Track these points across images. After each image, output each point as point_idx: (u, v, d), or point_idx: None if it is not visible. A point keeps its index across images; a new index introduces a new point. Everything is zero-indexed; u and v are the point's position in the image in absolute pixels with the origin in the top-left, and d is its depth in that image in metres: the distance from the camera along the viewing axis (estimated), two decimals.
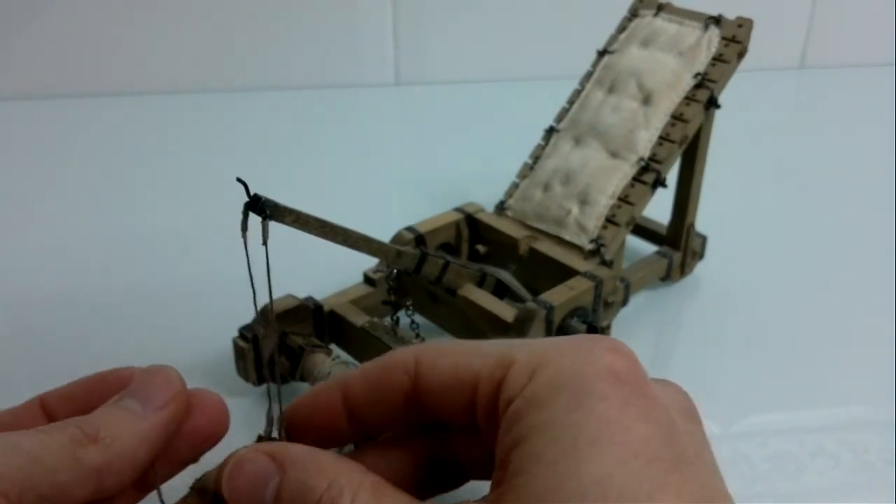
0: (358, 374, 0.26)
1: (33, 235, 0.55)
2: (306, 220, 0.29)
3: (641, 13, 0.48)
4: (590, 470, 0.19)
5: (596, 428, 0.20)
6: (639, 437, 0.20)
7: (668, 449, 0.20)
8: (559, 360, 0.22)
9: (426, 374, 0.24)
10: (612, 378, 0.21)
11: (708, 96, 0.44)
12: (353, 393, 0.25)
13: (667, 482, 0.20)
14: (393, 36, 0.79)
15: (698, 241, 0.50)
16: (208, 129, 0.72)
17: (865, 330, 0.47)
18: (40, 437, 0.22)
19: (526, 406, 0.21)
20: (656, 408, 0.21)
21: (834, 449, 0.39)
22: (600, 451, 0.20)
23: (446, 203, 0.48)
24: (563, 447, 0.20)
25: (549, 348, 0.23)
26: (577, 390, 0.21)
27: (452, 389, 0.24)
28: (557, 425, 0.20)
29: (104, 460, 0.23)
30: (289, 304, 0.39)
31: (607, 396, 0.21)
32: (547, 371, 0.22)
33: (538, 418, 0.21)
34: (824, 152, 0.70)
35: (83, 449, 0.22)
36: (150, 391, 0.25)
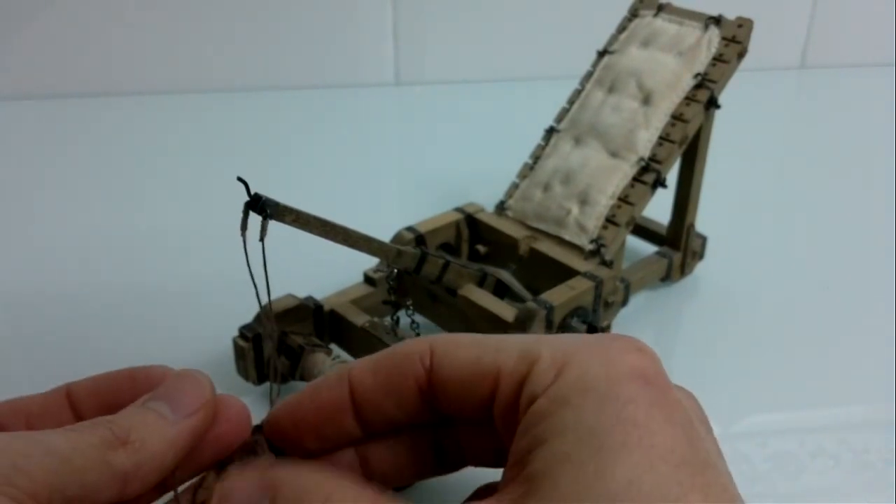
0: (368, 366, 0.25)
1: (33, 235, 0.55)
2: (307, 220, 0.29)
3: (641, 13, 0.48)
4: (619, 473, 0.19)
5: (623, 431, 0.20)
6: (666, 440, 0.20)
7: (692, 453, 0.20)
8: (585, 359, 0.22)
9: (443, 366, 0.24)
10: (638, 380, 0.21)
11: (708, 96, 0.44)
12: (362, 386, 0.24)
13: (693, 485, 0.20)
14: (393, 36, 0.79)
15: (698, 242, 0.50)
16: (208, 129, 0.72)
17: (865, 330, 0.47)
18: (71, 438, 0.22)
19: (551, 405, 0.21)
20: (680, 411, 0.21)
21: (834, 449, 0.39)
22: (629, 454, 0.20)
23: (446, 203, 0.48)
24: (591, 450, 0.20)
25: (574, 347, 0.22)
26: (604, 392, 0.21)
27: (471, 383, 0.24)
28: (585, 427, 0.20)
29: (133, 464, 0.22)
30: (289, 303, 0.39)
31: (634, 399, 0.21)
32: (573, 370, 0.22)
33: (565, 419, 0.21)
34: (824, 152, 0.70)
35: (113, 452, 0.22)
36: (181, 396, 0.24)
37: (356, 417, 0.25)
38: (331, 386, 0.25)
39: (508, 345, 0.23)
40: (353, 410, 0.25)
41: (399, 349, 0.25)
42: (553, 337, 0.24)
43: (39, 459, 0.21)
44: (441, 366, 0.24)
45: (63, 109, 0.74)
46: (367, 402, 0.25)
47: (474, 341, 0.24)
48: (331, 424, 0.25)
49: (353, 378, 0.25)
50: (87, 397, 0.26)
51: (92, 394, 0.26)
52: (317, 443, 0.25)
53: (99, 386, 0.26)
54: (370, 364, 0.25)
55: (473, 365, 0.24)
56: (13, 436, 0.21)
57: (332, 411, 0.25)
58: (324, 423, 0.25)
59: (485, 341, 0.24)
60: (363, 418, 0.25)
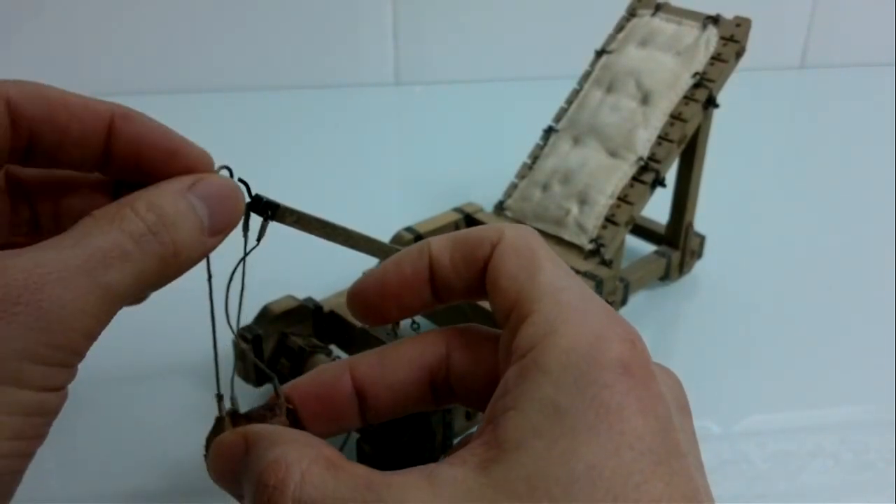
0: (446, 244, 0.26)
1: None
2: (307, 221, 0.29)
3: (639, 13, 0.48)
4: (584, 456, 0.20)
5: (595, 414, 0.20)
6: (636, 428, 0.20)
7: (661, 443, 0.21)
8: (576, 333, 0.22)
9: (494, 266, 0.25)
10: (620, 369, 0.21)
11: (706, 96, 0.44)
12: (440, 262, 0.26)
13: (655, 474, 0.20)
14: (393, 36, 0.79)
15: (697, 241, 0.50)
16: (208, 129, 0.72)
17: (865, 330, 0.47)
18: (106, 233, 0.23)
19: (532, 369, 0.22)
20: (657, 402, 0.21)
21: (834, 449, 0.39)
22: (597, 438, 0.20)
23: (446, 203, 0.48)
24: (561, 428, 0.20)
25: (569, 315, 0.23)
26: (586, 373, 0.21)
27: (497, 291, 0.24)
28: (559, 404, 0.21)
29: (161, 264, 0.24)
30: (289, 304, 0.39)
31: (612, 385, 0.21)
32: (560, 340, 0.22)
33: (542, 389, 0.21)
34: (824, 152, 0.70)
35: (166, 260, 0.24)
36: (222, 210, 0.26)
37: (433, 289, 0.26)
38: (413, 260, 0.26)
39: (540, 282, 0.24)
40: (431, 283, 0.26)
41: (478, 231, 0.26)
42: (561, 290, 0.24)
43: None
44: (493, 261, 0.25)
45: None
46: (443, 277, 0.26)
47: (527, 255, 0.25)
48: (410, 294, 0.26)
49: (432, 254, 0.26)
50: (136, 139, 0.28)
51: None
52: (397, 311, 0.27)
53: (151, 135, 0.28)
54: (449, 242, 0.26)
55: (510, 276, 0.24)
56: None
57: (414, 282, 0.26)
58: (405, 292, 0.26)
59: (529, 263, 0.24)
60: (438, 291, 0.26)
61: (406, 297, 0.27)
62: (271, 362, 0.39)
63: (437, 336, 0.27)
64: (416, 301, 0.27)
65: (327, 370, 0.27)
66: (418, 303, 0.27)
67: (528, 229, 0.26)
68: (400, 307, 0.27)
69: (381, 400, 0.26)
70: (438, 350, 0.26)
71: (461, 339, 0.26)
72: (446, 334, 0.27)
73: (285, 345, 0.38)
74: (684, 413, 0.24)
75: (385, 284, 0.27)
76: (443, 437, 0.35)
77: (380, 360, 0.26)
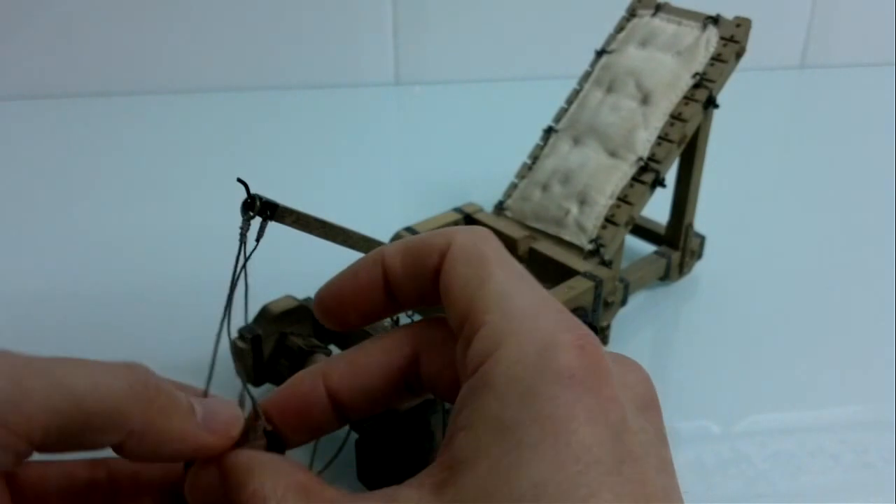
0: (398, 252, 0.26)
1: (32, 235, 0.55)
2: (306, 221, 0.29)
3: (640, 13, 0.48)
4: (528, 474, 0.19)
5: (540, 429, 0.20)
6: (582, 440, 0.20)
7: (611, 451, 0.20)
8: (522, 343, 0.22)
9: (445, 271, 0.25)
10: (567, 378, 0.21)
11: (706, 96, 0.44)
12: (392, 270, 0.26)
13: (603, 485, 0.19)
14: (393, 36, 0.79)
15: (697, 241, 0.50)
16: (208, 129, 0.72)
17: (865, 330, 0.47)
18: (96, 374, 0.23)
19: (480, 387, 0.21)
20: (607, 408, 0.21)
21: (834, 449, 0.38)
22: (541, 454, 0.20)
23: (445, 203, 0.48)
24: (507, 445, 0.20)
25: (517, 325, 0.22)
26: (531, 386, 0.21)
27: (449, 300, 0.24)
28: (504, 420, 0.20)
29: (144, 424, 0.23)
30: (288, 304, 0.39)
31: (557, 397, 0.20)
32: (507, 353, 0.21)
33: (489, 406, 0.21)
34: (824, 152, 0.70)
35: (140, 404, 0.23)
36: (215, 413, 0.25)
37: (388, 296, 0.26)
38: (368, 268, 0.27)
39: (487, 290, 0.23)
40: (385, 290, 0.26)
41: (427, 238, 0.26)
42: (509, 297, 0.23)
43: (46, 394, 0.21)
44: (444, 268, 0.25)
45: (63, 109, 0.74)
46: (397, 285, 0.26)
47: (476, 263, 0.24)
48: (367, 302, 0.27)
49: (385, 262, 0.26)
50: None
51: None
52: (356, 317, 0.27)
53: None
54: (400, 251, 0.26)
55: (460, 287, 0.24)
56: (28, 362, 0.22)
57: (369, 290, 0.26)
58: (361, 300, 0.27)
59: (479, 272, 0.24)
60: (394, 296, 0.26)
61: (363, 304, 0.27)
62: (270, 362, 0.39)
63: (403, 334, 0.27)
64: (375, 308, 0.27)
65: (301, 381, 0.27)
66: (377, 309, 0.27)
67: (478, 233, 0.25)
68: (359, 314, 0.27)
69: (356, 403, 0.26)
70: (405, 349, 0.26)
71: (428, 336, 0.26)
72: (413, 332, 0.27)
73: (284, 345, 0.38)
74: (648, 409, 0.23)
75: (342, 293, 0.27)
76: (442, 436, 0.35)
77: (350, 365, 0.26)
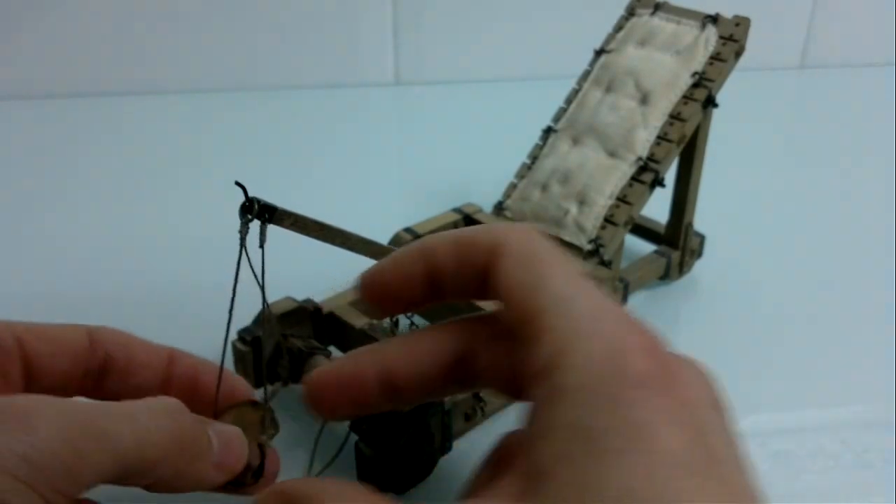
0: (448, 249, 0.26)
1: (32, 236, 0.55)
2: (305, 224, 0.29)
3: (638, 12, 0.48)
4: (617, 480, 0.19)
5: (625, 435, 0.20)
6: (667, 445, 0.20)
7: (695, 454, 0.20)
8: (591, 349, 0.21)
9: (497, 271, 0.25)
10: (644, 382, 0.21)
11: (706, 95, 0.44)
12: (437, 267, 0.26)
13: (691, 487, 0.19)
14: (393, 36, 0.79)
15: (696, 241, 0.50)
16: (208, 129, 0.72)
17: (865, 330, 0.47)
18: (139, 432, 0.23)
19: (553, 394, 0.21)
20: (687, 411, 0.21)
21: (834, 449, 0.38)
22: (627, 460, 0.19)
23: (445, 203, 0.48)
24: (591, 452, 0.20)
25: (583, 329, 0.22)
26: (608, 391, 0.21)
27: (509, 302, 0.24)
28: (586, 427, 0.20)
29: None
30: (288, 306, 0.39)
31: (638, 401, 0.20)
32: (576, 358, 0.21)
33: (566, 414, 0.21)
34: (824, 152, 0.70)
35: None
36: (229, 450, 0.27)
37: (430, 286, 0.27)
38: (412, 258, 0.27)
39: (547, 293, 0.23)
40: (428, 280, 0.26)
41: (475, 233, 0.26)
42: (570, 299, 0.23)
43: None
44: (495, 270, 0.25)
45: (63, 109, 0.74)
46: (441, 277, 0.26)
47: (530, 264, 0.24)
48: (407, 291, 0.27)
49: (431, 253, 0.26)
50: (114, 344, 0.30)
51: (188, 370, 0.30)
52: (395, 305, 0.28)
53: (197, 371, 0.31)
54: (448, 242, 0.26)
55: (517, 287, 0.24)
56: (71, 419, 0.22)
57: (411, 280, 0.27)
58: (402, 289, 0.27)
59: (534, 273, 0.24)
60: (436, 290, 0.27)
61: (403, 293, 0.27)
62: (270, 364, 0.39)
63: (465, 325, 0.27)
64: (414, 297, 0.27)
65: (356, 358, 0.27)
66: (416, 299, 0.27)
67: (530, 230, 0.25)
68: (398, 301, 0.27)
69: (406, 387, 0.26)
70: (462, 340, 0.26)
71: (489, 328, 0.26)
72: (470, 325, 0.27)
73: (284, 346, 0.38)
74: (718, 409, 0.23)
75: (383, 278, 0.27)
76: (442, 438, 0.35)
77: (407, 347, 0.27)
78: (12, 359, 0.27)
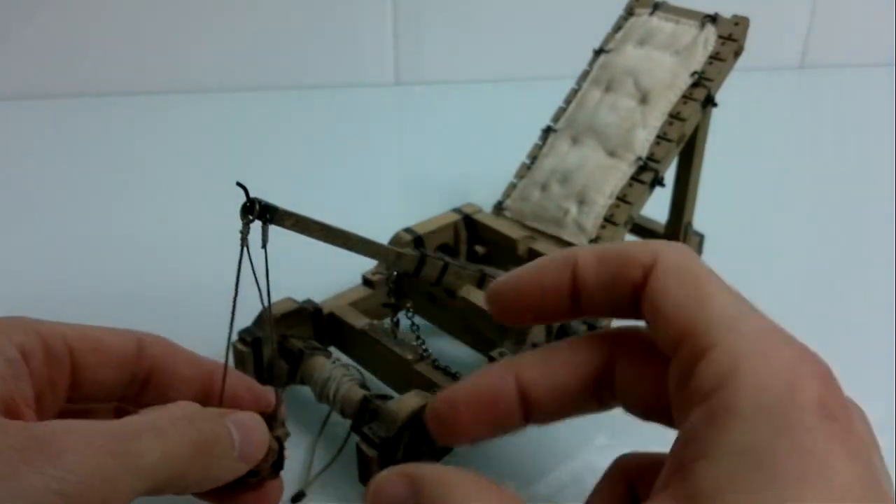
0: (593, 260, 0.25)
1: (32, 236, 0.55)
2: (306, 224, 0.29)
3: (637, 12, 0.48)
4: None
5: (802, 462, 0.19)
6: (844, 478, 0.19)
7: (868, 489, 0.20)
8: (764, 370, 0.21)
9: (653, 289, 0.24)
10: (820, 410, 0.20)
11: (705, 95, 0.44)
12: (584, 278, 0.25)
13: None
14: (393, 36, 0.79)
15: (696, 240, 0.50)
16: (208, 129, 0.72)
17: (865, 330, 0.47)
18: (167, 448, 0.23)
19: (720, 413, 0.20)
20: (860, 446, 0.20)
21: None
22: (808, 488, 0.19)
23: (445, 203, 0.48)
24: (765, 477, 0.19)
25: (754, 349, 0.21)
26: (783, 416, 0.20)
27: (664, 321, 0.23)
28: (758, 450, 0.19)
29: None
30: (288, 306, 0.39)
31: (814, 430, 0.20)
32: (749, 378, 0.21)
33: (735, 435, 0.20)
34: (823, 152, 0.70)
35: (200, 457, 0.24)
36: (250, 440, 0.26)
37: (573, 302, 0.26)
38: (556, 270, 0.26)
39: (714, 311, 0.23)
40: (572, 295, 0.26)
41: (626, 249, 0.25)
42: (736, 318, 0.22)
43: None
44: (651, 287, 0.24)
45: (63, 109, 0.74)
46: (587, 292, 0.25)
47: (692, 280, 0.24)
48: (548, 303, 0.26)
49: (578, 268, 0.25)
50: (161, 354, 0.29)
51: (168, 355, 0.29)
52: (532, 315, 0.27)
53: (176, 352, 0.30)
54: (595, 258, 0.25)
55: (674, 310, 0.23)
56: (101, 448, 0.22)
57: (553, 293, 0.26)
58: (543, 301, 0.26)
59: (696, 291, 0.23)
60: (580, 305, 0.26)
61: (544, 305, 0.26)
62: (270, 364, 0.39)
63: (602, 341, 0.26)
64: (554, 310, 0.26)
65: (490, 373, 0.26)
66: (557, 312, 0.26)
67: (685, 249, 0.25)
68: (536, 313, 0.27)
69: (544, 403, 0.26)
70: (603, 355, 0.26)
71: (627, 346, 0.26)
72: (612, 339, 0.26)
73: (284, 347, 0.38)
74: (877, 447, 0.23)
75: (522, 290, 0.26)
76: None
77: (543, 362, 0.26)
78: (63, 369, 0.27)
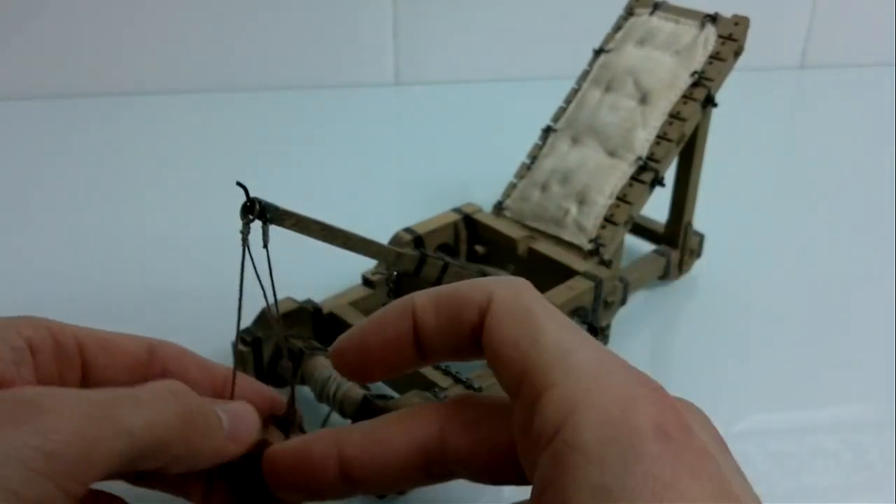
0: (429, 305, 0.25)
1: (32, 237, 0.55)
2: (306, 224, 0.29)
3: (637, 12, 0.48)
4: None
5: (652, 493, 0.19)
6: (694, 498, 0.19)
7: (720, 502, 0.20)
8: (603, 404, 0.21)
9: (490, 327, 0.24)
10: (661, 435, 0.20)
11: (705, 95, 0.44)
12: (424, 325, 0.25)
13: None
14: (393, 36, 0.79)
15: (696, 240, 0.50)
16: (208, 129, 0.72)
17: (865, 330, 0.47)
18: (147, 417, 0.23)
19: (570, 454, 0.20)
20: (704, 460, 0.20)
21: (834, 449, 0.38)
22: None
23: (445, 203, 0.48)
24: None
25: (589, 384, 0.21)
26: (627, 447, 0.20)
27: (501, 361, 0.23)
28: (611, 488, 0.19)
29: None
30: (288, 306, 0.39)
31: (660, 457, 0.20)
32: (588, 415, 0.21)
33: (588, 474, 0.20)
34: (823, 152, 0.70)
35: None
36: (240, 422, 0.26)
37: (417, 349, 0.25)
38: (396, 321, 0.25)
39: (546, 347, 0.22)
40: (415, 343, 0.25)
41: (461, 291, 0.25)
42: (570, 353, 0.22)
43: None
44: (487, 327, 0.24)
45: (63, 109, 0.74)
46: (428, 339, 0.25)
47: (526, 319, 0.23)
48: (394, 356, 0.26)
49: (416, 314, 0.25)
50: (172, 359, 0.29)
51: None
52: (381, 371, 0.26)
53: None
54: (431, 303, 0.25)
55: (511, 346, 0.23)
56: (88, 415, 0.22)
57: (397, 345, 0.25)
58: (388, 354, 0.26)
59: (530, 328, 0.23)
60: (424, 352, 0.25)
61: (389, 358, 0.26)
62: (271, 365, 0.39)
63: (430, 413, 0.25)
64: (401, 362, 0.26)
65: (313, 443, 0.26)
66: (403, 363, 0.26)
67: (517, 284, 0.24)
68: (384, 368, 0.26)
69: (367, 479, 0.25)
70: (432, 429, 0.25)
71: (458, 415, 0.25)
72: (440, 411, 0.25)
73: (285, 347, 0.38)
74: (723, 447, 0.23)
75: (367, 346, 0.26)
76: None
77: (368, 439, 0.25)
78: (73, 366, 0.27)
